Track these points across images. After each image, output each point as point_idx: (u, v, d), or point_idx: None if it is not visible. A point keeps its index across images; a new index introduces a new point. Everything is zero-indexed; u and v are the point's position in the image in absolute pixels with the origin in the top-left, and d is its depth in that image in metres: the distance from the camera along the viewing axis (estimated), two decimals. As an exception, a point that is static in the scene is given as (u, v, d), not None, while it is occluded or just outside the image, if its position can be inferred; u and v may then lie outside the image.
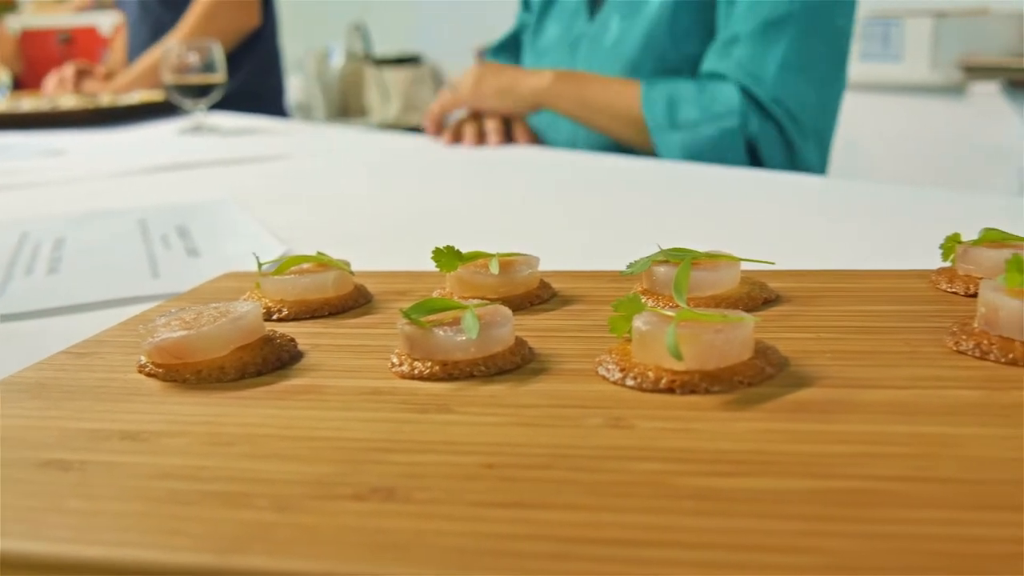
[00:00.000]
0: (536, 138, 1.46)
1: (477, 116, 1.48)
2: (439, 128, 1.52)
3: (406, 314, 0.43)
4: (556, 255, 0.63)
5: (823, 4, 1.29)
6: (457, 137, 1.46)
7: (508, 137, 1.45)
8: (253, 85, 2.46)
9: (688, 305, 0.47)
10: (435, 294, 0.53)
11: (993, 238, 0.52)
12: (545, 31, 1.58)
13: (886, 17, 2.48)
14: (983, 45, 2.42)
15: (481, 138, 1.44)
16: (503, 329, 0.42)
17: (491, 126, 1.43)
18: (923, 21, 2.42)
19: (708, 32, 1.37)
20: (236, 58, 2.37)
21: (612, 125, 1.34)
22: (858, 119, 2.50)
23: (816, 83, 1.30)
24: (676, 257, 0.49)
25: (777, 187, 1.01)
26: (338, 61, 4.95)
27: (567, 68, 1.48)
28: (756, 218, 0.84)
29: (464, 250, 0.53)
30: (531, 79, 1.40)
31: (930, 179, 2.36)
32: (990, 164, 2.35)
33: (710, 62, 1.31)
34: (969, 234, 0.53)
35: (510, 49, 1.74)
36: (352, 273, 0.55)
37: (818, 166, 1.35)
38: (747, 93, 1.27)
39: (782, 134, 1.27)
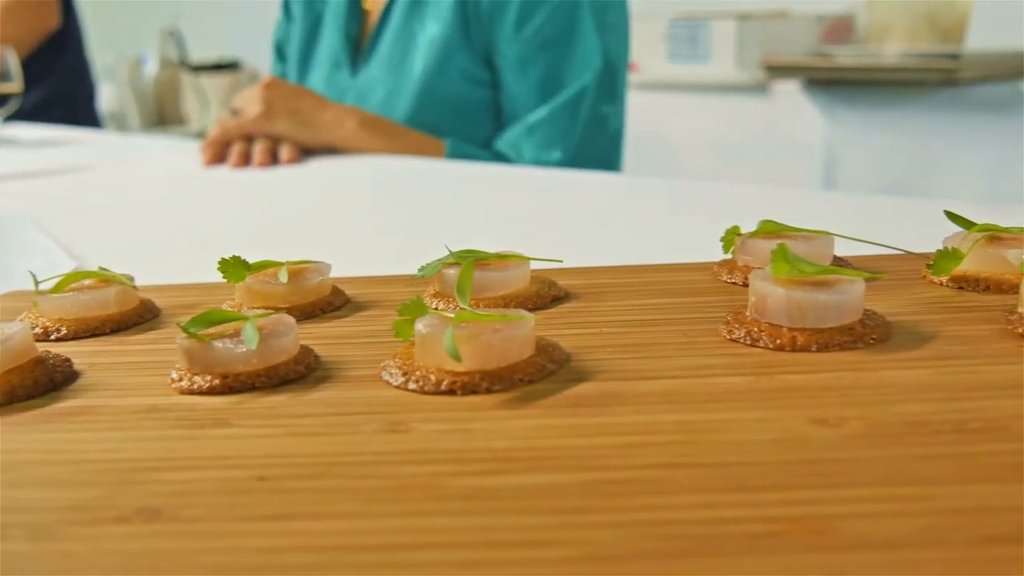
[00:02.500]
0: (301, 155, 1.32)
1: (246, 135, 1.32)
2: (218, 156, 1.32)
3: (184, 328, 0.41)
4: (354, 261, 0.62)
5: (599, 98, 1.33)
6: (237, 159, 1.30)
7: (274, 157, 1.31)
8: (62, 93, 2.36)
9: (477, 306, 0.47)
10: (225, 306, 0.52)
11: (769, 229, 0.54)
12: (307, 81, 1.49)
13: (693, 19, 2.57)
14: (784, 46, 2.53)
15: (246, 159, 1.29)
16: (285, 338, 0.41)
17: (261, 147, 1.29)
18: (728, 23, 2.51)
19: (482, 90, 1.36)
20: (42, 65, 2.27)
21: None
22: (669, 118, 2.59)
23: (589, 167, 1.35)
24: (466, 259, 0.49)
25: (578, 185, 1.02)
26: (152, 68, 4.78)
27: None
28: (556, 217, 0.85)
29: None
30: (331, 117, 1.30)
31: (740, 174, 2.46)
32: (794, 159, 2.47)
33: (508, 145, 1.33)
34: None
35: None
36: (135, 288, 0.53)
37: None
38: None
39: None
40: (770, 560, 0.26)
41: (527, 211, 0.89)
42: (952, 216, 0.52)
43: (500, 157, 1.33)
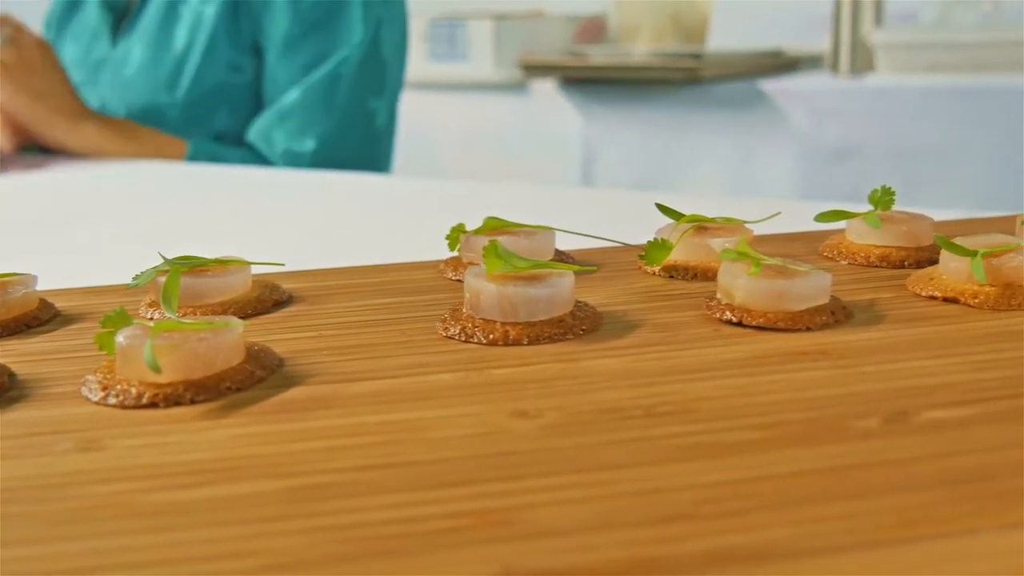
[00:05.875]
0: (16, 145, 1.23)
1: None
2: None
3: None
4: (75, 273, 0.59)
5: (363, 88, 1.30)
6: None
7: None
8: None
9: (195, 314, 0.46)
10: (-82, 325, 0.48)
11: (492, 226, 0.55)
12: (63, 51, 1.39)
13: (451, 19, 2.60)
14: (539, 45, 2.59)
15: None
16: (-28, 358, 0.39)
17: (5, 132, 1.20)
18: (485, 23, 2.56)
19: (244, 76, 1.31)
20: None
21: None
22: (430, 117, 2.60)
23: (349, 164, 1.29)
24: (182, 265, 0.48)
25: (324, 186, 1.02)
26: None
27: (87, 91, 1.32)
28: (294, 220, 0.84)
29: None
30: (67, 112, 1.21)
31: (500, 172, 2.50)
32: (554, 156, 2.53)
33: (258, 135, 1.29)
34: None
35: None
36: None
37: None
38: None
39: None
40: (452, 555, 0.26)
41: (265, 215, 0.87)
42: (662, 208, 0.55)
43: (252, 151, 1.29)
